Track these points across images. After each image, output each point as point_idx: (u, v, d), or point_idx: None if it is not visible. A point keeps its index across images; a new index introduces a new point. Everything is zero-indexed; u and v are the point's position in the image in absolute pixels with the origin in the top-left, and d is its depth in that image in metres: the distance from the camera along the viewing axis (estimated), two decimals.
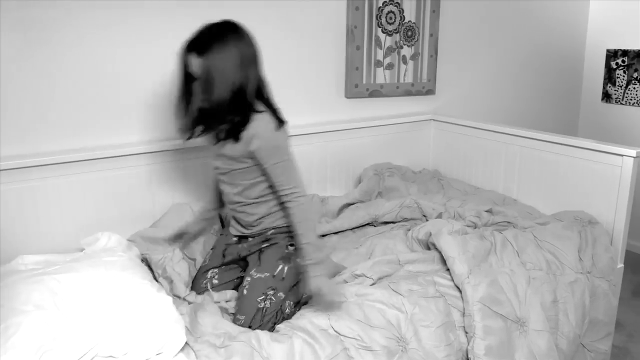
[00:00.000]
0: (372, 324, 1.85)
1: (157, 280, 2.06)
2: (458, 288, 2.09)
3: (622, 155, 2.52)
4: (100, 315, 1.62)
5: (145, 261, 2.16)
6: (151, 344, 1.60)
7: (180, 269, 2.12)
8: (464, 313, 2.03)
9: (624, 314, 3.23)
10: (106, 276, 1.79)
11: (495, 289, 2.08)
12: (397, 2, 3.15)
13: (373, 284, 2.07)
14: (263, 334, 1.73)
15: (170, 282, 2.07)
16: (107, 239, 2.13)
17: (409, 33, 3.25)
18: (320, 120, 3.05)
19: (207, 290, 2.07)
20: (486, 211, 2.69)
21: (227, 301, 2.03)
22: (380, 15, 3.10)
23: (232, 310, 1.98)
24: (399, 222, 2.72)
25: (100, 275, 1.79)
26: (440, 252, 2.25)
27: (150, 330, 1.62)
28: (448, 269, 2.17)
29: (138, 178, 2.45)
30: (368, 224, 2.73)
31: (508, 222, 2.61)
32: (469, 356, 1.96)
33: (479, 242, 2.27)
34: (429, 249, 2.37)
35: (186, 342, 1.68)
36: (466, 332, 2.01)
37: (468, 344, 1.98)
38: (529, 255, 2.32)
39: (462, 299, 2.05)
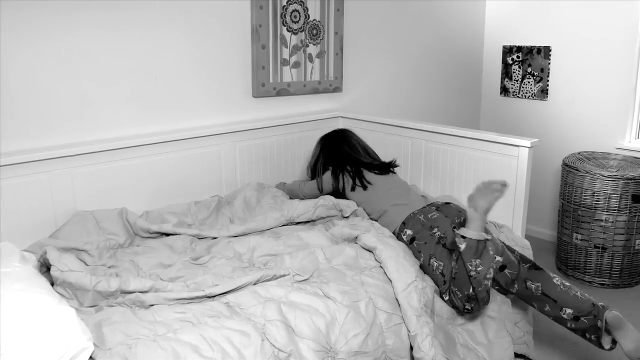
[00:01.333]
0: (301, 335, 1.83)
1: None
2: (394, 295, 2.12)
3: (518, 146, 2.65)
4: None
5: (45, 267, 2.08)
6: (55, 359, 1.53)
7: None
8: (403, 318, 2.07)
9: None
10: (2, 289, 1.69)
11: (433, 290, 2.19)
12: (301, 1, 3.16)
13: (301, 281, 2.07)
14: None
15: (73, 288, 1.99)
16: (2, 249, 2.01)
17: (314, 31, 3.27)
18: (228, 121, 3.01)
19: None
20: None
21: None
22: (285, 14, 3.10)
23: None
24: (316, 220, 2.71)
25: None
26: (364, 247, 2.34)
27: (53, 345, 1.54)
28: (376, 266, 2.24)
29: (38, 185, 2.34)
30: (283, 226, 2.68)
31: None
32: (417, 356, 1.99)
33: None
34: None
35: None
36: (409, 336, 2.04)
37: (412, 347, 2.02)
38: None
39: (400, 306, 2.07)
